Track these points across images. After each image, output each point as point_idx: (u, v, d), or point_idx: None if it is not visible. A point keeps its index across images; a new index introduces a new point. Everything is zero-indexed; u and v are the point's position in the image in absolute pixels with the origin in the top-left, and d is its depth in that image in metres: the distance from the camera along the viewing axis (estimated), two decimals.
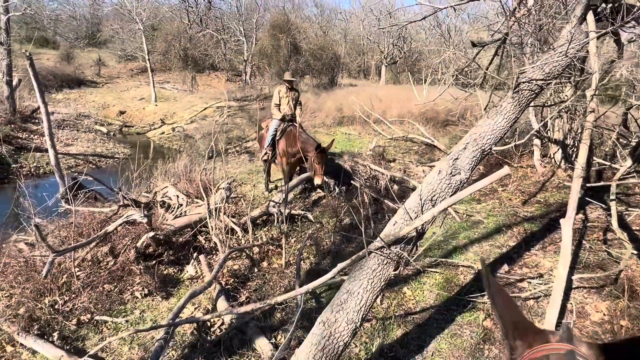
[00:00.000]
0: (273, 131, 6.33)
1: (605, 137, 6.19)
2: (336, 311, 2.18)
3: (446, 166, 2.50)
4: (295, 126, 6.12)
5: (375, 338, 3.11)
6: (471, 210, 5.77)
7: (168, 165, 6.74)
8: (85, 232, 4.36)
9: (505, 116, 2.65)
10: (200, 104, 16.98)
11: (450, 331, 3.27)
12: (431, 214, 2.15)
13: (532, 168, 6.97)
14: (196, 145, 11.36)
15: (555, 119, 6.57)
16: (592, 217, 5.15)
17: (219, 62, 22.16)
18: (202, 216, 4.75)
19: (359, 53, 27.17)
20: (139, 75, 23.56)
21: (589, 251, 4.31)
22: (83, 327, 3.13)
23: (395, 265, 2.28)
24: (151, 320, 3.30)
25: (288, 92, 6.45)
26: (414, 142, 9.61)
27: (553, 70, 2.70)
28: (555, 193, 6.05)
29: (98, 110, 17.31)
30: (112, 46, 25.92)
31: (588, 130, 2.74)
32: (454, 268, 4.22)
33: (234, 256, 4.44)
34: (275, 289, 3.88)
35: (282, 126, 6.28)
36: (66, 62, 22.50)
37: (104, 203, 6.16)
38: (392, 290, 3.80)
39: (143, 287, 3.69)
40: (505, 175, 2.03)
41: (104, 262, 4.01)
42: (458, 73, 4.66)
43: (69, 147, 11.42)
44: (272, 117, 6.43)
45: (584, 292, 3.69)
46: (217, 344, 2.95)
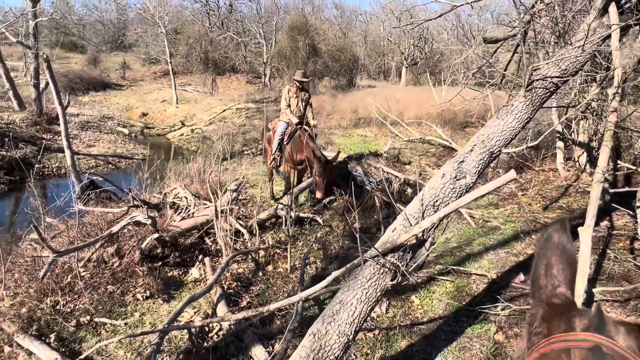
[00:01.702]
0: (281, 134, 5.98)
1: (634, 140, 5.82)
2: (327, 322, 2.05)
3: (451, 169, 2.34)
4: (305, 130, 5.69)
5: (377, 349, 2.96)
6: (488, 216, 5.53)
7: (182, 166, 6.76)
8: (93, 232, 4.38)
9: (517, 116, 2.47)
10: (220, 106, 17.16)
11: (459, 344, 3.09)
12: (430, 222, 2.00)
13: (555, 172, 6.64)
14: (213, 146, 11.45)
15: (580, 121, 6.24)
16: (618, 224, 4.83)
17: (239, 64, 22.35)
18: (209, 218, 4.71)
19: (379, 54, 26.91)
20: (161, 78, 24.04)
21: (613, 261, 4.03)
22: (82, 329, 3.11)
23: (393, 275, 2.14)
24: (150, 324, 3.26)
25: (298, 92, 6.03)
26: (431, 145, 9.36)
27: (570, 67, 2.50)
28: (580, 198, 5.73)
29: (121, 112, 17.74)
30: (136, 50, 26.61)
31: (609, 132, 2.53)
32: (467, 276, 4.01)
33: (239, 259, 4.38)
34: (278, 294, 3.79)
35: (289, 130, 5.89)
36: (93, 66, 23.21)
37: (118, 203, 6.25)
38: (399, 299, 3.64)
39: (145, 289, 3.66)
40: (511, 179, 1.87)
41: (109, 263, 4.01)
42: (473, 73, 4.47)
43: (90, 147, 11.70)
44: (281, 118, 6.05)
45: (607, 305, 3.43)
46: (212, 351, 2.87)
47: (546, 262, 0.68)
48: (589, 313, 0.73)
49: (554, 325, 0.68)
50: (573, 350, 0.61)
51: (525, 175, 6.85)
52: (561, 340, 0.64)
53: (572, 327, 0.67)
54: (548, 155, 7.15)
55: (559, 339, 0.65)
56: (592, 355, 0.59)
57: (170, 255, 4.31)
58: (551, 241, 0.68)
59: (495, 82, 4.58)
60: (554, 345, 0.64)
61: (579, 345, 0.61)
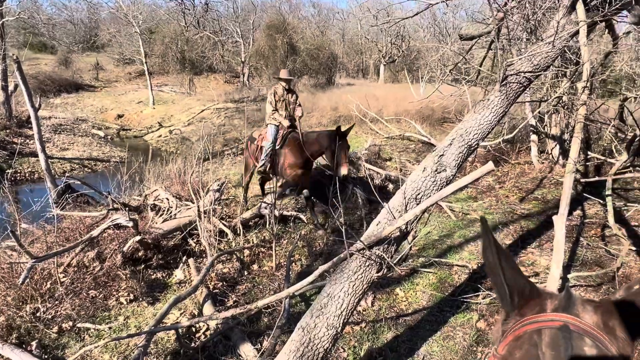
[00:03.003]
0: (272, 139, 5.36)
1: (603, 132, 6.07)
2: (316, 316, 2.09)
3: (431, 163, 2.41)
4: (297, 132, 5.30)
5: (365, 342, 3.02)
6: (467, 209, 5.68)
7: (161, 168, 6.66)
8: (72, 237, 4.28)
9: (493, 110, 2.56)
10: (198, 106, 16.94)
11: (443, 333, 3.18)
12: (413, 214, 2.06)
13: (530, 164, 6.87)
14: (193, 147, 11.31)
15: (552, 114, 6.47)
16: (590, 213, 5.05)
17: (217, 63, 22.12)
18: (192, 219, 4.67)
19: (357, 52, 27.10)
20: (137, 78, 23.55)
21: (586, 248, 4.21)
22: (64, 335, 3.05)
23: (378, 267, 2.19)
24: (135, 327, 3.22)
25: (285, 93, 5.46)
26: (410, 141, 9.51)
27: (542, 62, 2.60)
28: (553, 190, 5.95)
29: (96, 114, 17.30)
30: (109, 50, 25.94)
31: (580, 124, 2.65)
32: (448, 268, 4.12)
33: (223, 259, 4.36)
34: (264, 292, 3.79)
35: (282, 133, 5.35)
36: (64, 67, 22.51)
37: (96, 207, 6.11)
38: (384, 292, 3.70)
39: (129, 292, 3.60)
40: (490, 170, 1.94)
41: (90, 268, 3.93)
42: (450, 70, 4.57)
43: (65, 151, 11.38)
44: (269, 123, 5.44)
45: (581, 290, 3.59)
46: (200, 350, 2.86)
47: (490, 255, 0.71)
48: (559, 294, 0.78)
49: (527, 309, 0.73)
50: (543, 330, 0.66)
51: (502, 168, 7.05)
52: (533, 322, 0.68)
53: (544, 308, 0.72)
54: (523, 149, 7.38)
55: (531, 320, 0.69)
56: (560, 333, 0.64)
57: (153, 258, 4.25)
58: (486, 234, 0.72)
59: (471, 79, 4.70)
60: (527, 327, 0.68)
61: (548, 325, 0.66)
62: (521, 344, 0.67)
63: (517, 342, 0.67)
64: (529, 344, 0.65)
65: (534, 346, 0.64)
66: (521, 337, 0.67)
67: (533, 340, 0.65)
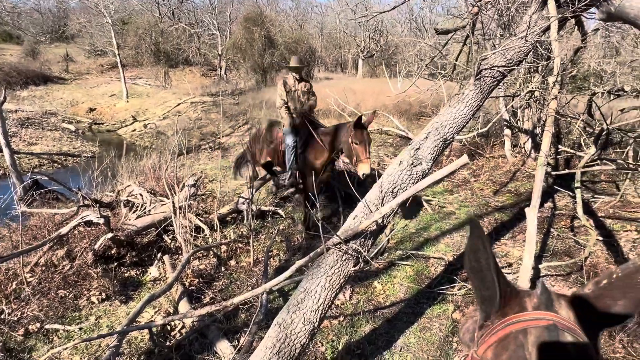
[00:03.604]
0: (293, 144, 4.76)
1: (572, 126, 6.27)
2: (292, 312, 2.07)
3: (407, 157, 2.41)
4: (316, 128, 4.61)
5: (343, 335, 3.02)
6: (444, 202, 5.76)
7: (135, 163, 6.48)
8: (40, 235, 4.12)
9: (468, 104, 2.59)
10: (174, 99, 16.55)
11: (420, 325, 3.22)
12: (389, 207, 2.06)
13: (504, 158, 7.03)
14: (168, 142, 11.06)
15: (525, 109, 6.63)
16: (560, 205, 5.21)
17: (193, 56, 21.64)
18: (167, 215, 4.57)
19: (336, 46, 27.05)
20: (109, 71, 22.81)
21: (556, 239, 4.34)
22: (31, 337, 2.92)
23: (355, 261, 2.19)
24: (107, 327, 3.12)
25: (296, 83, 4.88)
26: (388, 135, 9.58)
27: (514, 57, 2.64)
28: (526, 182, 6.11)
29: (66, 108, 16.67)
30: (80, 41, 24.99)
31: (551, 118, 2.71)
32: (425, 260, 4.18)
33: (200, 255, 4.28)
34: (242, 288, 3.75)
35: (301, 134, 4.73)
36: (31, 58, 21.58)
37: (66, 204, 5.89)
38: (362, 285, 3.72)
39: (101, 291, 3.49)
40: (465, 164, 1.96)
41: (59, 267, 3.79)
42: (426, 65, 4.60)
43: (32, 146, 10.92)
44: (283, 124, 4.90)
45: (552, 279, 3.70)
46: (176, 349, 2.80)
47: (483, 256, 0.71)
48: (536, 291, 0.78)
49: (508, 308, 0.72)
50: (529, 329, 0.65)
51: (477, 162, 7.19)
52: (516, 322, 0.68)
53: (524, 307, 0.72)
54: (497, 143, 7.55)
55: (514, 320, 0.69)
56: (547, 332, 0.64)
57: (127, 255, 4.13)
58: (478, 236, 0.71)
59: (447, 73, 4.76)
60: (511, 327, 0.67)
61: (534, 325, 0.65)
62: (507, 345, 0.66)
63: (502, 343, 0.66)
64: (515, 344, 0.64)
65: (521, 347, 0.63)
66: (507, 338, 0.66)
67: (519, 340, 0.64)
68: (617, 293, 0.69)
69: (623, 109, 4.11)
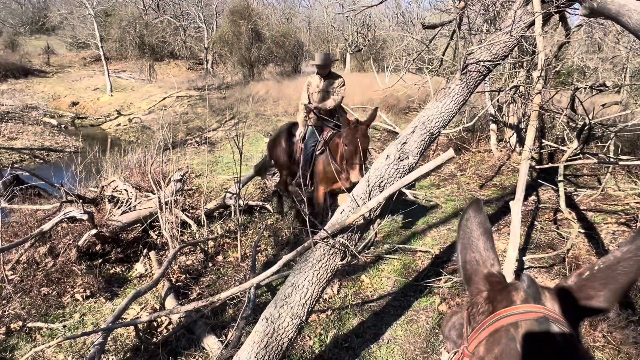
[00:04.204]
0: (312, 143, 4.38)
1: (556, 121, 6.37)
2: (280, 306, 2.07)
3: (394, 151, 2.42)
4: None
5: (331, 329, 3.04)
6: (430, 196, 5.82)
7: (120, 158, 6.37)
8: (21, 232, 4.02)
9: (454, 98, 2.60)
10: (159, 93, 16.29)
11: (407, 317, 3.25)
12: (376, 201, 2.07)
13: (489, 152, 7.12)
14: (154, 136, 10.89)
15: (510, 104, 6.71)
16: (544, 198, 5.30)
17: (179, 49, 21.29)
18: (153, 210, 4.51)
19: (324, 41, 26.92)
20: (92, 64, 22.30)
21: (540, 232, 4.42)
22: (13, 336, 2.87)
23: (342, 255, 2.20)
24: (92, 324, 3.08)
25: (321, 81, 4.41)
26: (376, 130, 9.59)
27: (500, 52, 2.66)
28: (511, 176, 6.20)
29: (48, 102, 16.27)
30: (61, 33, 24.37)
31: (535, 112, 2.75)
32: (412, 254, 4.21)
33: (187, 251, 4.24)
34: (229, 283, 3.73)
35: (325, 135, 4.28)
36: (10, 50, 20.97)
37: (48, 200, 5.76)
38: (350, 279, 3.74)
39: (85, 288, 3.44)
40: (450, 157, 1.97)
41: (42, 264, 3.71)
42: (413, 59, 4.61)
43: (13, 141, 10.65)
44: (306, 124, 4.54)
45: (535, 271, 3.78)
46: (163, 345, 2.78)
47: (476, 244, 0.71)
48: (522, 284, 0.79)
49: (497, 302, 0.73)
50: (520, 322, 0.66)
51: (463, 156, 7.27)
52: (506, 316, 0.68)
53: (512, 300, 0.73)
54: (483, 138, 7.63)
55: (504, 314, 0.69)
56: (537, 324, 0.65)
57: (112, 252, 4.07)
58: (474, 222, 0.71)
59: (434, 68, 4.78)
60: (502, 322, 0.68)
61: (524, 318, 0.66)
62: (499, 339, 0.66)
63: (494, 337, 0.67)
64: (506, 337, 0.65)
65: (512, 340, 0.64)
66: (498, 332, 0.67)
67: (510, 333, 0.65)
68: (599, 284, 0.71)
69: (604, 104, 4.20)
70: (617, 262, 0.71)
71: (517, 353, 0.63)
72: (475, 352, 0.72)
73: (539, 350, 0.62)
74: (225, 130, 11.30)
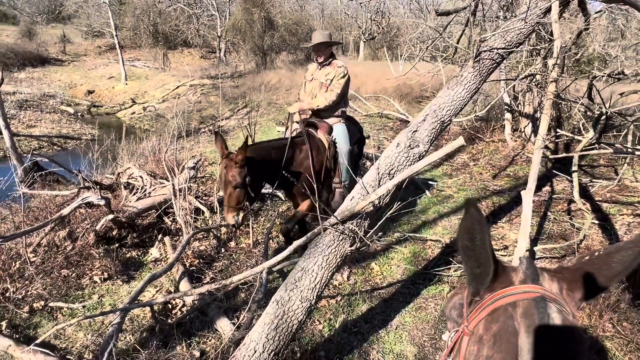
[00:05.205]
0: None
1: (573, 110, 6.24)
2: (290, 289, 2.12)
3: (405, 139, 2.43)
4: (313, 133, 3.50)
5: (340, 314, 3.09)
6: (442, 185, 5.80)
7: (135, 146, 6.49)
8: (41, 216, 4.16)
9: (466, 86, 2.59)
10: (173, 82, 16.43)
11: (415, 305, 3.29)
12: (386, 188, 2.08)
13: (504, 142, 7.03)
14: (168, 125, 11.03)
15: (526, 93, 6.59)
16: (558, 189, 5.24)
17: (192, 38, 21.36)
18: (167, 197, 4.60)
19: (337, 28, 26.64)
20: (107, 52, 22.55)
21: (552, 222, 4.39)
22: (36, 315, 3.00)
23: (352, 241, 2.23)
24: (110, 305, 3.19)
25: (318, 69, 3.65)
26: (389, 119, 9.55)
27: (514, 39, 2.62)
28: (525, 166, 6.12)
29: (64, 90, 16.56)
30: (76, 22, 24.65)
31: (549, 101, 2.71)
32: (422, 242, 4.23)
33: (200, 237, 4.33)
34: (241, 269, 3.81)
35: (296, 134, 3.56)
36: (28, 39, 21.33)
37: (66, 186, 5.92)
38: (360, 266, 3.78)
39: (103, 271, 3.55)
40: (460, 146, 1.97)
41: (62, 247, 3.84)
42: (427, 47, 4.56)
43: (31, 128, 10.90)
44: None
45: (546, 262, 3.76)
46: (177, 326, 2.87)
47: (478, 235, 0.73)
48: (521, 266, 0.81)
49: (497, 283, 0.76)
50: (518, 302, 0.69)
51: (476, 146, 7.19)
52: (505, 296, 0.71)
53: (511, 281, 0.75)
54: (497, 127, 7.53)
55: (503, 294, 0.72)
56: (535, 303, 0.67)
57: (128, 236, 4.19)
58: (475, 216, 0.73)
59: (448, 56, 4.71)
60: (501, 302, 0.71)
61: (522, 297, 0.69)
62: (497, 317, 0.69)
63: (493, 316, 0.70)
64: (505, 316, 0.68)
65: (510, 318, 0.67)
66: (496, 312, 0.70)
67: (508, 312, 0.68)
68: (595, 269, 0.73)
69: (622, 92, 4.10)
70: (616, 251, 0.73)
71: (514, 331, 0.66)
72: (474, 331, 0.75)
73: (536, 329, 0.64)
74: (238, 118, 11.38)
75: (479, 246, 0.73)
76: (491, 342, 0.68)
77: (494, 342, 0.68)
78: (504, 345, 0.65)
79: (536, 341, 0.62)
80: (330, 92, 3.53)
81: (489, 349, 0.68)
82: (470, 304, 0.82)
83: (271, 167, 3.24)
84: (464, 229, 0.73)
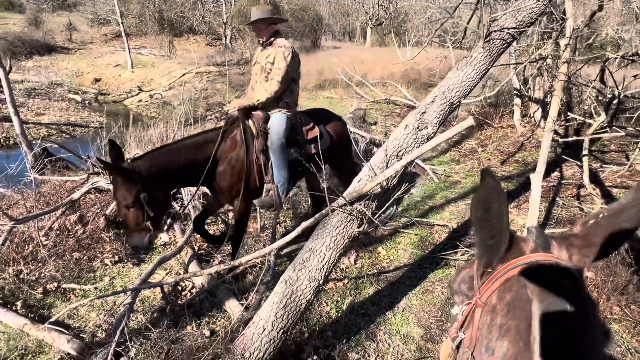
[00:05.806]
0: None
1: (584, 94, 6.14)
2: (298, 269, 2.14)
3: (413, 120, 2.41)
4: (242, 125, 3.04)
5: (347, 296, 3.12)
6: (450, 171, 5.76)
7: (143, 133, 6.52)
8: (52, 201, 4.22)
9: (475, 67, 2.55)
10: (179, 69, 16.40)
11: (422, 288, 3.31)
12: (394, 169, 2.08)
13: (513, 128, 6.94)
14: (174, 112, 11.05)
15: (536, 77, 6.48)
16: (567, 174, 5.18)
17: (197, 25, 21.21)
18: None
19: (344, 14, 26.30)
20: (113, 40, 22.49)
21: (561, 207, 4.35)
22: (49, 296, 3.07)
23: (359, 222, 2.24)
24: (121, 287, 3.25)
25: (260, 51, 3.16)
26: (396, 105, 9.46)
27: (526, 18, 2.57)
28: (534, 152, 6.06)
29: (71, 78, 16.62)
30: (82, 9, 24.59)
31: (561, 83, 2.67)
32: (429, 227, 4.23)
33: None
34: (249, 252, 3.84)
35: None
36: (34, 27, 21.32)
37: (76, 172, 5.99)
38: (367, 250, 3.80)
39: (113, 254, 3.62)
40: (470, 126, 1.96)
41: (73, 231, 3.90)
42: (436, 30, 4.49)
43: (40, 116, 10.98)
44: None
45: None
46: (187, 307, 2.92)
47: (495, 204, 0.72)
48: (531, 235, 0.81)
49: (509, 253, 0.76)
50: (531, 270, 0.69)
51: (485, 132, 7.12)
52: (517, 265, 0.72)
53: (522, 251, 0.75)
54: (506, 113, 7.43)
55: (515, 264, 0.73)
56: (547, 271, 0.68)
57: None
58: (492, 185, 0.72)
59: (458, 39, 4.64)
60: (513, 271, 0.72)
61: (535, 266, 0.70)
62: (510, 287, 0.70)
63: (506, 286, 0.71)
64: (518, 285, 0.69)
65: (523, 286, 0.68)
66: (509, 281, 0.71)
67: (521, 281, 0.68)
68: (602, 231, 0.73)
69: (636, 75, 4.01)
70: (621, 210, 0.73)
71: (528, 299, 0.66)
72: (487, 302, 0.75)
73: (549, 295, 0.65)
74: None
75: (494, 216, 0.73)
76: (505, 310, 0.69)
77: (507, 310, 0.68)
78: (517, 313, 0.66)
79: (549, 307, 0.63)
80: (270, 82, 2.99)
81: (502, 317, 0.68)
82: (482, 275, 0.82)
83: (186, 171, 2.80)
84: (479, 200, 0.73)
